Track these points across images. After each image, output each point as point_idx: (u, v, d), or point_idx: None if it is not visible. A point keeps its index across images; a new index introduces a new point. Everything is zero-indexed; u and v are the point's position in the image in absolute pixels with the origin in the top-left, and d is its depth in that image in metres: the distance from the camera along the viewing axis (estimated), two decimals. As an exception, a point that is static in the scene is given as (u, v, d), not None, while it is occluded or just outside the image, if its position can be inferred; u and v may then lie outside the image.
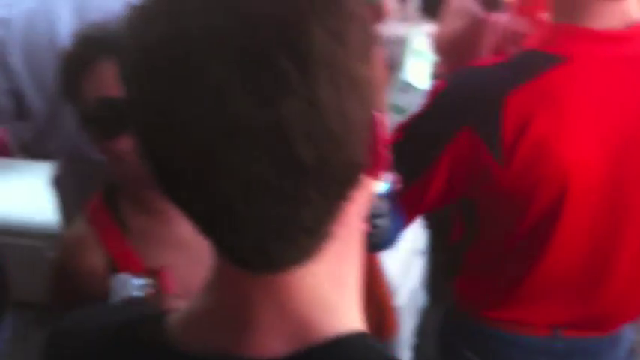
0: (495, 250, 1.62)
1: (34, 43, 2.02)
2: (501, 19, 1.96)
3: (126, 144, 1.21)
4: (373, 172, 0.64)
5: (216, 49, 0.54)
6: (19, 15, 2.04)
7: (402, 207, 1.47)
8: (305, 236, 0.60)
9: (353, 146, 0.58)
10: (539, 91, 1.42)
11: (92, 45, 1.28)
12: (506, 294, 1.63)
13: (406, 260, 2.61)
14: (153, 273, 1.27)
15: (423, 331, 2.71)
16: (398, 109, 2.62)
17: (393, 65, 2.78)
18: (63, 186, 2.30)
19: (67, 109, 1.37)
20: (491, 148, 1.42)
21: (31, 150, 3.40)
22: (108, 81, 1.23)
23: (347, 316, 0.66)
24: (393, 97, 2.76)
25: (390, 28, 2.85)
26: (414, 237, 2.64)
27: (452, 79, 1.56)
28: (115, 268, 1.31)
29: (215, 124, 0.54)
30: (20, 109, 2.17)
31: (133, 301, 0.90)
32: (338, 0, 0.57)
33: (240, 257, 0.62)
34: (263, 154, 0.55)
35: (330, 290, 0.65)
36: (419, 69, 2.91)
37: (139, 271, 1.28)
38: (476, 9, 1.99)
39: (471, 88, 1.48)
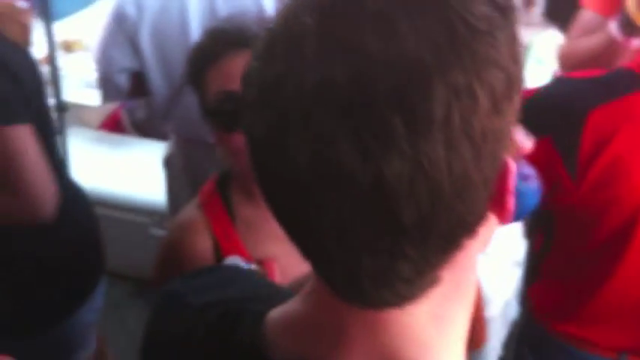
0: (567, 262, 1.60)
1: (164, 26, 2.07)
2: (637, 43, 1.88)
3: (241, 139, 1.22)
4: (497, 217, 0.59)
5: (326, 98, 0.51)
6: None
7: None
8: (403, 285, 0.57)
9: (465, 205, 0.54)
10: (623, 111, 1.39)
11: (221, 39, 1.31)
12: (576, 309, 1.60)
13: (502, 271, 2.55)
14: (258, 262, 1.29)
15: (509, 343, 2.67)
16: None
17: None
18: (173, 166, 2.35)
19: (187, 93, 1.40)
20: (567, 161, 1.40)
21: (143, 128, 3.51)
22: (232, 76, 1.24)
23: (445, 356, 0.63)
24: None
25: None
26: (513, 247, 2.58)
27: (543, 87, 1.53)
28: (220, 253, 1.33)
29: (316, 169, 0.52)
30: (139, 88, 2.22)
31: (242, 275, 0.88)
32: (472, 47, 0.52)
33: (334, 288, 0.60)
34: (361, 208, 0.52)
35: (429, 330, 0.61)
36: (538, 76, 2.84)
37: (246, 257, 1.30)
38: (614, 32, 1.91)
39: (557, 100, 1.46)
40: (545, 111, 1.44)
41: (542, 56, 2.95)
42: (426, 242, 0.54)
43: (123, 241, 2.95)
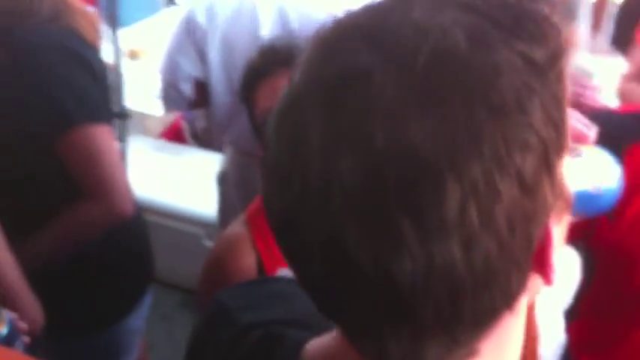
0: (605, 301, 1.58)
1: (234, 37, 2.07)
2: None
3: None
4: (543, 278, 0.54)
5: (332, 196, 0.48)
6: (225, 7, 2.09)
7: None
8: None
9: (493, 293, 0.50)
10: None
11: (270, 57, 1.33)
12: (609, 350, 1.58)
13: (556, 307, 2.48)
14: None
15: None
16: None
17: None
18: (227, 182, 2.35)
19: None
20: None
21: (202, 139, 3.53)
22: (280, 93, 1.24)
23: None
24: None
25: (576, 60, 2.71)
26: (568, 282, 2.50)
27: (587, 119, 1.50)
28: (264, 270, 1.34)
29: (328, 265, 0.50)
30: (201, 99, 2.23)
31: (292, 292, 0.87)
32: (492, 132, 0.47)
33: (359, 349, 0.57)
34: (376, 301, 0.49)
35: None
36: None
37: None
38: None
39: (597, 133, 1.43)
40: None
41: (605, 84, 2.89)
42: (452, 329, 0.51)
43: (176, 250, 2.95)
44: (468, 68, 0.48)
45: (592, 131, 0.87)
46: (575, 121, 0.81)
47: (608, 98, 2.83)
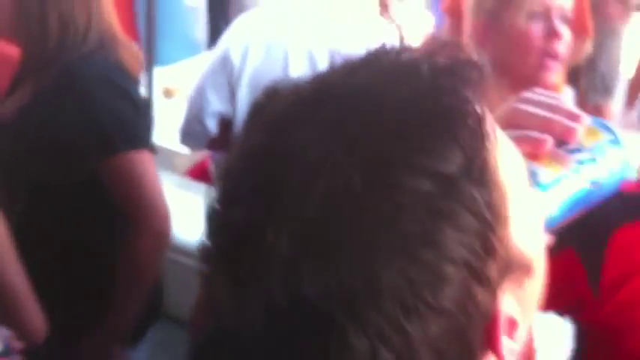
0: None
1: (263, 81, 2.08)
2: None
3: None
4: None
5: (244, 344, 0.48)
6: (257, 50, 2.11)
7: None
8: None
9: None
10: None
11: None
12: None
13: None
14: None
15: None
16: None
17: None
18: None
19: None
20: (591, 277, 1.28)
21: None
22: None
23: None
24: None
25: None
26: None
27: None
28: None
29: None
30: (222, 138, 2.23)
31: None
32: (400, 277, 0.44)
33: None
34: None
35: None
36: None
37: None
38: None
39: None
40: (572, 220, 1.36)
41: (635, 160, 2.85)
42: None
43: (192, 288, 2.94)
44: (364, 211, 0.45)
45: (579, 122, 0.79)
46: (558, 116, 0.75)
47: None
